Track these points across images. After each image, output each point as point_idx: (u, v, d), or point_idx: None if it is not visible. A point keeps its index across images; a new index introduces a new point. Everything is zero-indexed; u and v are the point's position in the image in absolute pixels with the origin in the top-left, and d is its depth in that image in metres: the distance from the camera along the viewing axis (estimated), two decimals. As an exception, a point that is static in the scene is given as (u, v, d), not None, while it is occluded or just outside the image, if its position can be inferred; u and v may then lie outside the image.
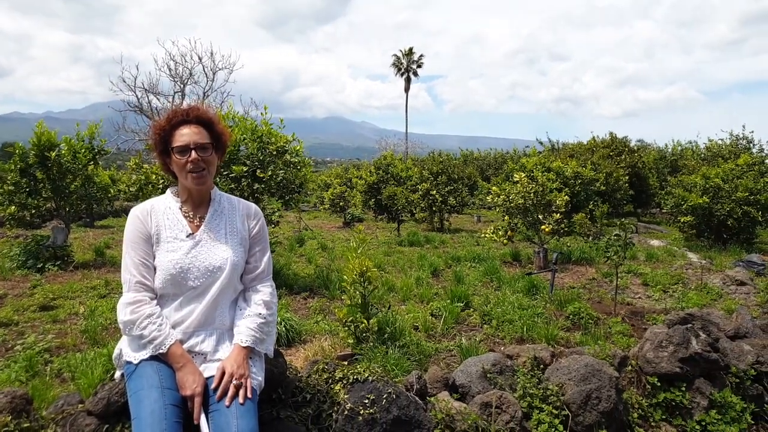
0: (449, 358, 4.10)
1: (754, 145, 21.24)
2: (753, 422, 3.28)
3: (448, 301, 5.54)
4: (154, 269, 2.09)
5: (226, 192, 2.32)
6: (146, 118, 21.78)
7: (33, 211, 7.94)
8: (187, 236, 2.12)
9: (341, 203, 15.37)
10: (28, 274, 6.99)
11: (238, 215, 2.25)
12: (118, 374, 2.23)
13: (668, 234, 13.10)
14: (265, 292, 2.22)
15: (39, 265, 7.29)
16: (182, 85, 22.49)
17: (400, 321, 4.27)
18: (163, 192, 2.32)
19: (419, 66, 60.07)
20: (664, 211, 12.96)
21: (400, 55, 60.14)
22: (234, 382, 1.93)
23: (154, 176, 5.28)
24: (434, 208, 13.88)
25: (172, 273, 2.05)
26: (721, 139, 22.36)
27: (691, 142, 25.41)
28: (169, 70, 22.41)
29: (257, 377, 2.07)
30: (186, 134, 2.08)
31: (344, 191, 15.66)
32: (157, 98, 22.26)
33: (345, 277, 3.77)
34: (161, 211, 2.15)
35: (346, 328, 3.74)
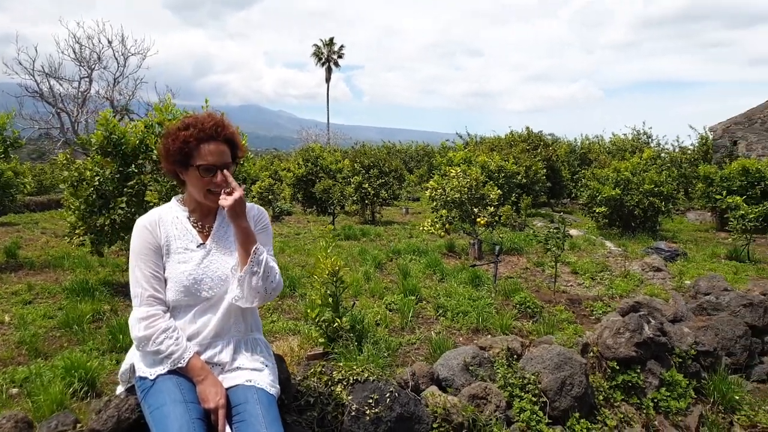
0: (414, 352, 4.16)
1: (652, 140, 23.30)
2: (695, 396, 3.64)
3: (401, 295, 5.60)
4: (165, 281, 2.00)
5: (165, 189, 2.19)
6: (48, 104, 19.87)
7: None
8: (198, 246, 2.05)
9: (270, 197, 14.98)
10: (-74, 280, 6.19)
11: None
12: (120, 389, 2.12)
13: (582, 223, 14.03)
14: None
15: (-62, 269, 6.48)
16: (89, 70, 20.74)
17: (367, 318, 4.28)
18: (98, 189, 2.16)
19: (340, 56, 59.69)
20: (580, 202, 13.88)
21: (320, 44, 59.42)
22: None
23: (88, 172, 4.84)
24: (366, 201, 13.94)
25: (185, 284, 1.97)
26: (624, 134, 24.32)
27: (597, 137, 27.41)
28: (74, 52, 20.59)
29: (275, 385, 2.03)
30: (213, 152, 1.96)
31: (272, 184, 15.29)
32: (60, 83, 20.37)
33: (315, 276, 3.71)
34: (169, 221, 2.06)
35: (318, 327, 3.68)
